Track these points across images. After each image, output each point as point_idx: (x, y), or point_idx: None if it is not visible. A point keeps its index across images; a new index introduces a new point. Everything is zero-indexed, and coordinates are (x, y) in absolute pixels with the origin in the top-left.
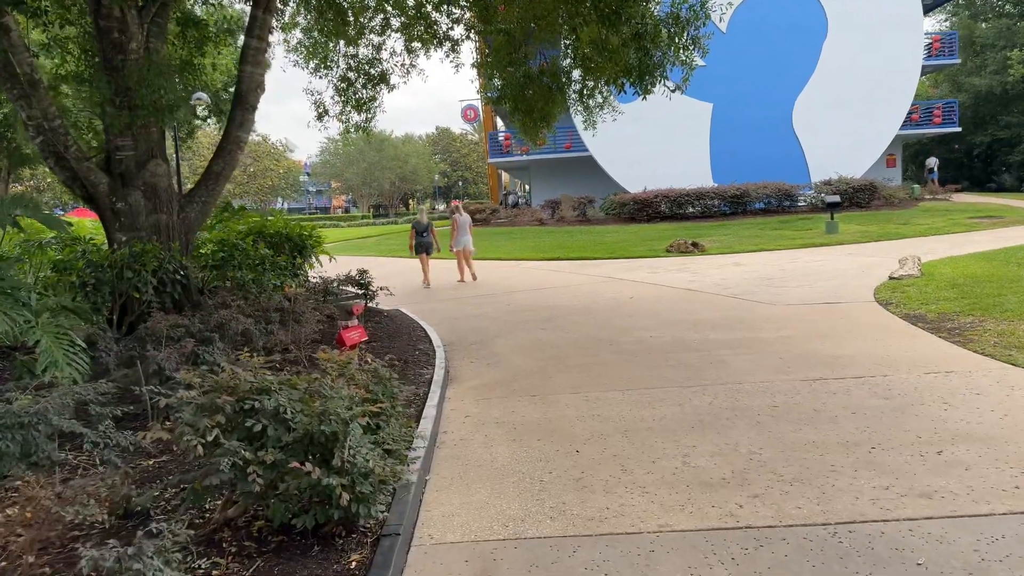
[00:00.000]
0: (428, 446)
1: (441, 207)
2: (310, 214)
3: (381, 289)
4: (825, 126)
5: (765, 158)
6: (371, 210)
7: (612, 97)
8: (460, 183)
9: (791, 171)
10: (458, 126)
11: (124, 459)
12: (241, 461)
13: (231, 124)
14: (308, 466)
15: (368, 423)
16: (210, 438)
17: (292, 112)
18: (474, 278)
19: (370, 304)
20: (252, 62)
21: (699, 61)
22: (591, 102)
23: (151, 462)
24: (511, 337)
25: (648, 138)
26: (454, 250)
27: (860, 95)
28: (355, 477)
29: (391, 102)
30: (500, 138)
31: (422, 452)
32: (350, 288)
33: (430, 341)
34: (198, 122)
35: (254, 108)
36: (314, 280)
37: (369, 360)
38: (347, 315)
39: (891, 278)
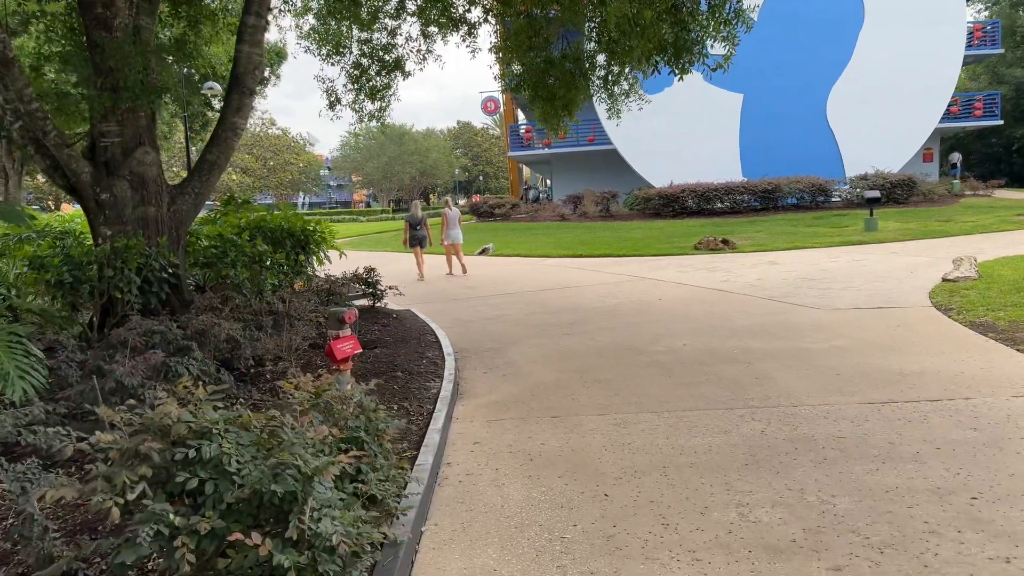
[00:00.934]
0: (427, 486)
1: (462, 202)
2: (330, 208)
3: (390, 288)
4: (860, 119)
5: (797, 152)
6: (391, 205)
7: (639, 84)
8: (481, 177)
9: (824, 165)
10: (480, 120)
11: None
12: (167, 529)
13: (227, 109)
14: (255, 537)
15: (345, 469)
16: (132, 496)
17: (315, 106)
18: (464, 271)
19: (378, 304)
20: (250, 41)
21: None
22: (616, 89)
23: None
24: (530, 344)
25: (675, 130)
26: (444, 243)
27: (898, 86)
28: (317, 553)
29: (413, 96)
30: (521, 131)
31: (418, 498)
32: (357, 287)
33: (440, 347)
34: (212, 114)
35: (252, 92)
36: (326, 276)
37: (350, 387)
38: (338, 324)
39: (945, 280)
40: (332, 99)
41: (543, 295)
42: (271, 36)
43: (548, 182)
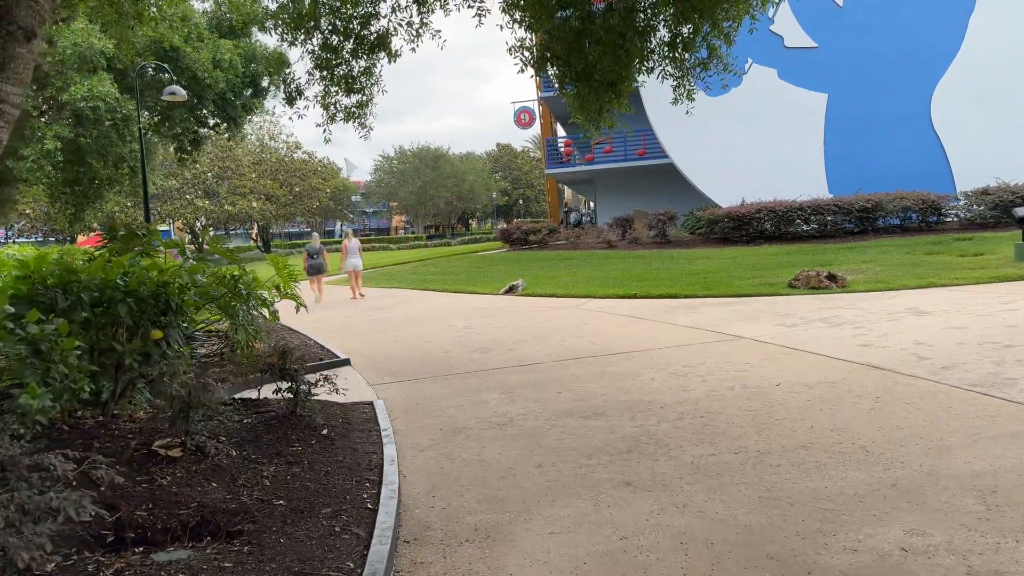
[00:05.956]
0: None
1: (501, 226)
2: (365, 236)
3: (325, 381)
4: (973, 121)
5: (895, 162)
6: (425, 231)
7: (721, 49)
8: (520, 201)
9: (929, 178)
10: (520, 142)
11: None
12: None
13: None
14: None
15: None
16: None
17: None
18: (359, 295)
19: (308, 404)
20: None
21: None
22: (687, 56)
23: None
24: (557, 516)
25: (744, 139)
26: (345, 271)
27: (1018, 81)
28: None
29: (452, 124)
30: (559, 145)
31: None
32: (267, 377)
33: (373, 527)
34: (205, 131)
35: (31, 36)
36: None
37: None
38: None
39: None
40: (291, 91)
41: (584, 370)
42: (271, 41)
43: (591, 204)
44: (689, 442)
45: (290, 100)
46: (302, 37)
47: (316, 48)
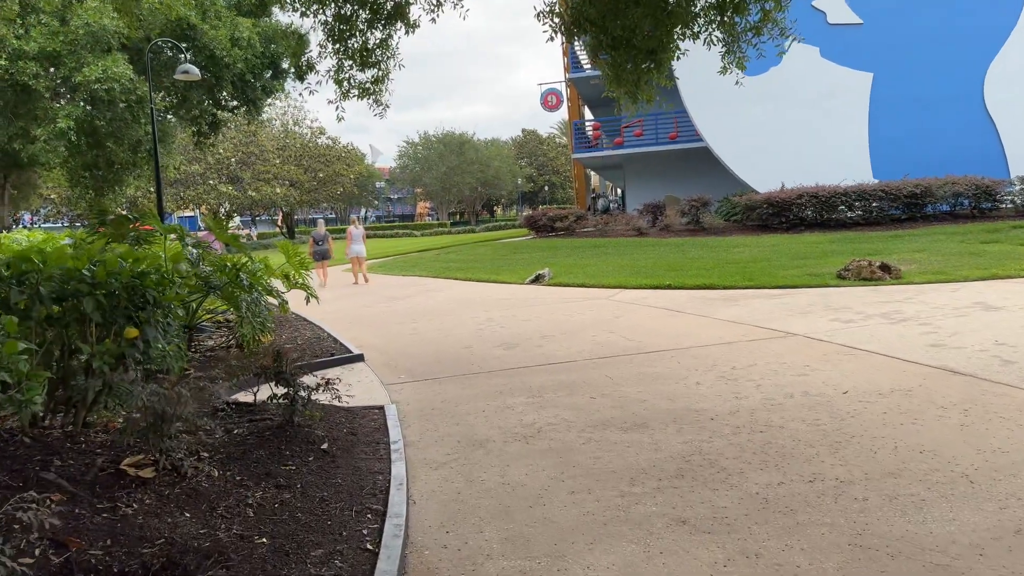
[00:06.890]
0: None
1: (526, 212)
2: (389, 223)
3: (327, 383)
4: None
5: (945, 146)
6: (449, 218)
7: (775, 12)
8: (546, 187)
9: (982, 162)
10: (546, 128)
11: None
12: None
13: None
14: None
15: None
16: None
17: (387, 122)
18: (366, 281)
19: (321, 401)
20: None
21: None
22: (738, 20)
23: None
24: (599, 559)
25: (783, 122)
26: (348, 257)
27: None
28: None
29: (478, 111)
30: (587, 129)
31: None
32: (268, 388)
33: (371, 564)
34: (224, 114)
35: None
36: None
37: None
38: None
39: None
40: (302, 66)
41: (618, 371)
42: (288, 19)
43: (619, 191)
44: (750, 465)
45: (300, 75)
46: (315, 7)
47: (329, 19)
